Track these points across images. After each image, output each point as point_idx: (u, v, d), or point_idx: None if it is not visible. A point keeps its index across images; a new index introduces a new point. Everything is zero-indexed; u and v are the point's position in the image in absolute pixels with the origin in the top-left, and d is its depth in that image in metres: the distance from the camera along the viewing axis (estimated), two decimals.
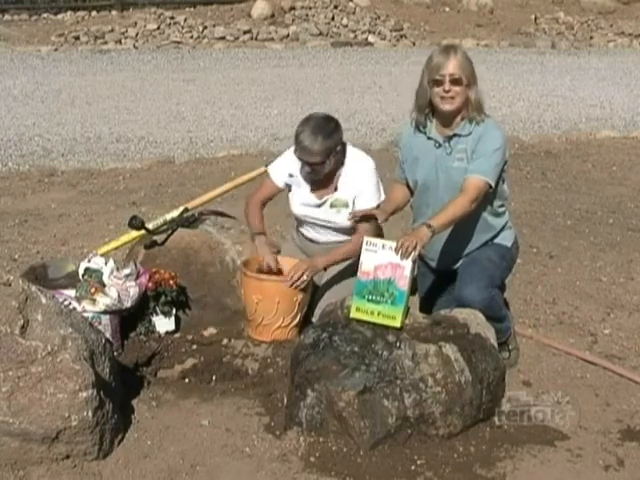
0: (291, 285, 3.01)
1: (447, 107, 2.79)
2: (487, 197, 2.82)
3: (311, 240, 3.28)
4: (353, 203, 3.10)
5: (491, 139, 2.78)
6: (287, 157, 3.19)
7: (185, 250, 3.32)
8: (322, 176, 3.07)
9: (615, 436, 2.59)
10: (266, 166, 3.66)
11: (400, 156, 3.04)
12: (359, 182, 3.07)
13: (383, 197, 3.12)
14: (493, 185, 2.77)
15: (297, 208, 3.21)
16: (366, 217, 3.02)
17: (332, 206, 3.12)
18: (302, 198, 3.17)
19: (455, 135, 2.82)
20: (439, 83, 2.76)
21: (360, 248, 2.73)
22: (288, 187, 3.22)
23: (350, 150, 3.14)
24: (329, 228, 3.19)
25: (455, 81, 2.74)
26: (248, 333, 3.19)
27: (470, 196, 2.71)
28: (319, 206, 3.14)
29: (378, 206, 3.07)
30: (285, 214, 3.55)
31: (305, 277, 3.02)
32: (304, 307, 3.14)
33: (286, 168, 3.19)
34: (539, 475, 2.38)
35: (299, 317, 3.13)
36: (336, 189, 3.11)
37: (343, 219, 3.10)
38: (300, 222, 3.30)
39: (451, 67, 2.74)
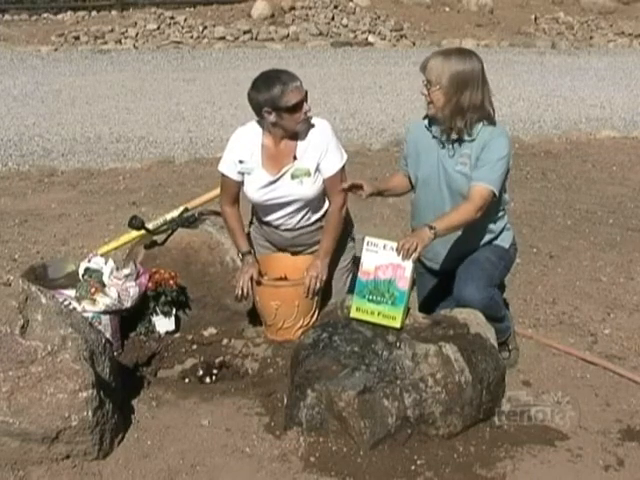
0: (310, 294, 3.05)
1: (428, 111, 2.82)
2: (489, 205, 2.82)
3: (276, 226, 3.20)
4: (316, 170, 3.04)
5: (497, 147, 2.76)
6: (231, 148, 3.12)
7: (185, 250, 3.32)
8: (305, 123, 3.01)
9: (615, 436, 2.59)
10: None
11: (405, 149, 3.04)
12: (320, 145, 3.02)
13: (345, 157, 3.09)
14: (497, 194, 2.77)
15: (256, 194, 3.10)
16: (335, 184, 3.02)
17: (293, 177, 3.03)
18: (257, 181, 3.08)
19: (459, 139, 2.81)
20: (426, 89, 2.78)
21: (339, 224, 3.06)
22: (241, 177, 3.11)
23: None
24: (294, 205, 3.10)
25: (430, 85, 2.74)
26: (267, 336, 3.18)
27: (476, 204, 2.70)
28: (277, 181, 3.05)
29: (344, 167, 3.07)
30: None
31: (320, 283, 3.06)
32: (321, 303, 3.14)
33: (234, 157, 3.10)
34: (539, 475, 2.38)
35: (318, 313, 3.12)
36: (295, 158, 3.03)
37: (307, 190, 3.04)
38: (264, 212, 3.19)
39: (426, 72, 2.75)
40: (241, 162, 3.08)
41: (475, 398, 2.54)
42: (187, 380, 2.96)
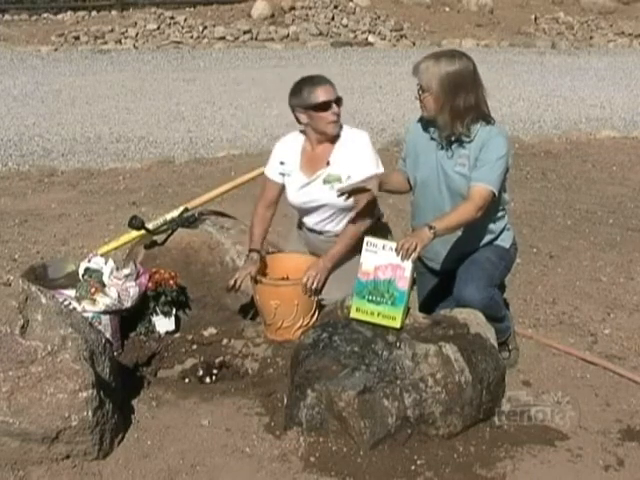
0: (308, 293, 3.04)
1: (423, 114, 2.83)
2: (489, 204, 2.82)
3: (313, 230, 3.24)
4: (348, 178, 3.05)
5: (495, 147, 2.75)
6: (275, 150, 3.24)
7: (185, 250, 3.32)
8: (339, 129, 3.09)
9: (615, 436, 2.59)
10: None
11: (404, 149, 3.03)
12: (353, 154, 3.05)
13: (382, 169, 3.10)
14: (497, 194, 2.76)
15: (293, 196, 3.18)
16: (360, 197, 3.00)
17: (325, 182, 3.08)
18: (295, 182, 3.15)
19: (457, 140, 2.81)
20: (419, 95, 2.79)
21: (356, 236, 2.97)
22: (282, 178, 3.19)
23: (344, 127, 3.16)
24: (328, 210, 3.14)
25: (422, 90, 2.76)
26: (267, 336, 3.17)
27: (476, 204, 2.70)
28: (310, 184, 3.11)
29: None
30: (282, 214, 3.54)
31: (318, 283, 3.04)
32: (321, 304, 3.14)
33: (276, 158, 3.20)
34: (539, 475, 2.38)
35: (317, 314, 3.11)
36: (328, 163, 3.08)
37: (334, 196, 3.04)
38: (303, 215, 3.27)
39: (418, 76, 2.75)
40: (282, 164, 3.19)
41: (475, 398, 2.54)
42: (187, 380, 2.96)
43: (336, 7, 14.87)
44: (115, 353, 2.91)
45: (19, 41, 13.25)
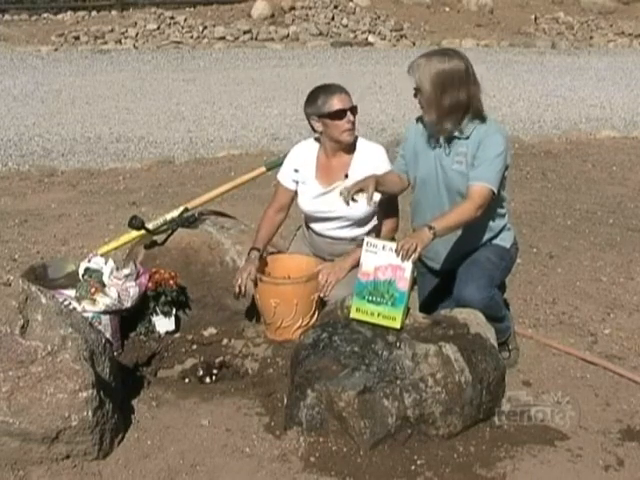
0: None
1: (425, 118, 2.83)
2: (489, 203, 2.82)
3: (321, 235, 3.25)
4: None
5: (493, 144, 2.75)
6: (289, 157, 3.25)
7: (185, 250, 3.32)
8: (353, 138, 3.09)
9: (615, 436, 2.59)
10: (266, 166, 3.67)
11: (403, 148, 3.03)
12: (371, 169, 3.04)
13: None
14: (496, 192, 2.76)
15: (306, 204, 3.19)
16: (385, 208, 3.04)
17: (341, 194, 3.11)
18: (310, 191, 3.16)
19: (454, 137, 2.81)
20: (415, 95, 2.79)
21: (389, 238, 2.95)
22: (296, 185, 3.21)
23: (360, 139, 3.18)
24: (341, 220, 3.16)
25: (416, 90, 2.77)
26: (267, 335, 3.18)
27: (476, 203, 2.69)
28: (326, 194, 3.12)
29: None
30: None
31: (334, 280, 3.06)
32: (321, 304, 3.14)
33: (290, 165, 3.21)
34: (539, 475, 2.38)
35: (317, 314, 3.11)
36: (346, 176, 3.09)
37: (353, 209, 3.06)
38: (313, 221, 3.28)
39: (413, 75, 2.76)
40: (296, 171, 3.19)
41: (475, 398, 2.54)
42: (187, 380, 2.96)
43: (336, 7, 14.88)
44: (115, 353, 2.91)
45: (19, 41, 13.26)
